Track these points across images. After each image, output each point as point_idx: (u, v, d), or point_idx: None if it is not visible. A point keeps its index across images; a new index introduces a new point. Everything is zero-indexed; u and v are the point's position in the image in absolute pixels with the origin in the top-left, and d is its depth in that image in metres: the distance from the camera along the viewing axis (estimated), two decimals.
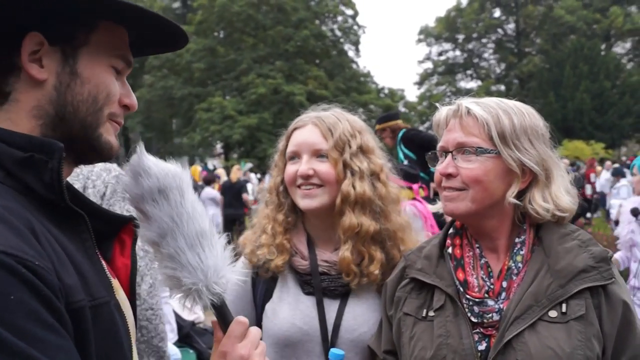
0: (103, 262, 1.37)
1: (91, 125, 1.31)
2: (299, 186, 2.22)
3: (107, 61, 1.33)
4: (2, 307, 0.97)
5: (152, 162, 1.34)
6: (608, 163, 24.18)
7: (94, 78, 1.30)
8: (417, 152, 7.65)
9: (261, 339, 1.37)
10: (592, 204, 19.15)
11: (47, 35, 1.25)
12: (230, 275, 1.37)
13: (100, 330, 1.19)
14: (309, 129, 2.27)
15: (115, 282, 1.37)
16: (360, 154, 2.26)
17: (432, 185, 7.58)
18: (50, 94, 1.27)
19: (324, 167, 2.21)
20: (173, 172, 1.36)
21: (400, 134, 8.01)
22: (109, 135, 1.36)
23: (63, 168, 1.20)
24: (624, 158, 36.73)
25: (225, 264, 1.37)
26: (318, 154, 2.23)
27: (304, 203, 2.22)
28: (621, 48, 53.75)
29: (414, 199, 5.67)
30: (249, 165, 18.09)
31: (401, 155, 7.81)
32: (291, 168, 2.25)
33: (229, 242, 1.42)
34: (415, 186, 6.14)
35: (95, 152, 1.36)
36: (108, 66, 1.34)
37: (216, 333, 1.38)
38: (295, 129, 2.31)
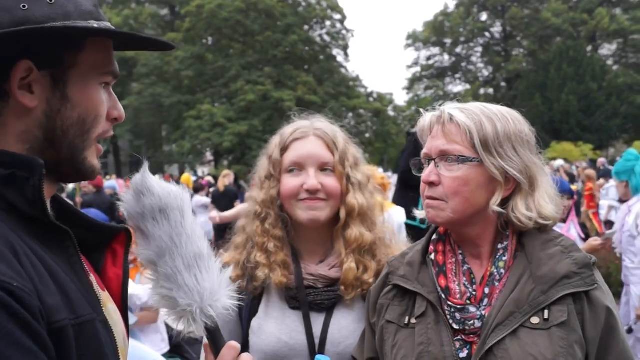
0: (92, 276, 1.36)
1: (78, 147, 1.31)
2: (301, 199, 2.15)
3: (97, 79, 1.32)
4: None
5: (154, 182, 1.37)
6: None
7: (84, 101, 1.29)
8: None
9: None
10: None
11: (35, 60, 1.23)
12: (225, 299, 1.37)
13: (83, 348, 1.18)
14: (312, 141, 2.20)
15: (104, 295, 1.37)
16: (355, 165, 2.24)
17: None
18: (40, 120, 1.26)
19: (331, 181, 2.17)
20: (175, 192, 1.38)
21: None
22: (93, 159, 1.36)
23: (44, 185, 1.20)
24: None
25: (221, 287, 1.37)
26: (323, 167, 2.18)
27: (308, 216, 2.15)
28: (607, 50, 53.99)
29: None
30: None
31: None
32: (293, 181, 2.17)
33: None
34: None
35: (78, 174, 1.36)
36: (97, 84, 1.32)
37: (207, 357, 1.38)
38: (294, 139, 2.21)
